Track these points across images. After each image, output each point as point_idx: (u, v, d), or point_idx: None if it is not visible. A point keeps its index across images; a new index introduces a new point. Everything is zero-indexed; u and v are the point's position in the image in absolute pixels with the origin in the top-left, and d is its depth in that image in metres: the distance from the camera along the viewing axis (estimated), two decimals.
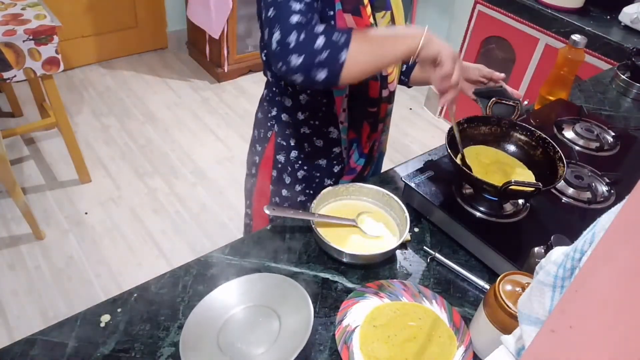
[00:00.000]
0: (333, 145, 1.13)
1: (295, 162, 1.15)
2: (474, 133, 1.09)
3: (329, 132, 1.10)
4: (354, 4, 0.95)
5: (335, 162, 1.15)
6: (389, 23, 1.05)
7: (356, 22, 0.96)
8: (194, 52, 3.49)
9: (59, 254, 2.08)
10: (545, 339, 0.37)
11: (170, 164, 2.63)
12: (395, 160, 2.55)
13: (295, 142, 1.13)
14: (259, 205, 1.24)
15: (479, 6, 2.58)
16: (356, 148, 1.14)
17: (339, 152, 1.14)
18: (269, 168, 1.18)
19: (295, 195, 1.18)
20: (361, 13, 0.96)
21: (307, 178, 1.16)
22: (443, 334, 0.83)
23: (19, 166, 2.48)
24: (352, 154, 1.14)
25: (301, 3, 0.85)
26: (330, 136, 1.11)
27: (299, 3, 0.85)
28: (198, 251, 2.17)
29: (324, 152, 1.13)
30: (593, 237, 0.50)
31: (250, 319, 0.83)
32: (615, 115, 1.52)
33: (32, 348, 0.77)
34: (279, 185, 1.18)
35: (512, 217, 1.00)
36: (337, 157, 1.14)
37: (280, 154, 1.15)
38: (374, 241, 0.98)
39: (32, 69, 1.92)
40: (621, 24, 2.16)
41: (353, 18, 0.95)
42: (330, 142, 1.12)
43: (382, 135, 1.20)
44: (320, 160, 1.14)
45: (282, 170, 1.16)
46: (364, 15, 0.97)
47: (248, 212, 1.31)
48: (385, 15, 1.05)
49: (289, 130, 1.12)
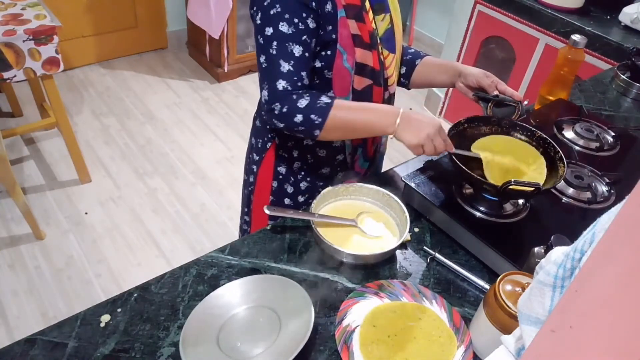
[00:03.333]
0: (336, 153, 1.12)
1: (297, 172, 1.14)
2: (474, 133, 1.09)
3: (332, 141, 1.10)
4: (357, 10, 0.96)
5: (339, 168, 1.15)
6: (388, 25, 1.06)
7: (359, 28, 0.97)
8: (194, 52, 3.49)
9: (59, 254, 2.08)
10: (545, 339, 0.37)
11: (170, 164, 2.63)
12: (395, 160, 2.55)
13: (298, 154, 1.12)
14: (257, 215, 1.23)
15: (479, 6, 2.58)
16: (361, 153, 1.13)
17: (342, 159, 1.13)
18: (268, 179, 1.16)
19: (297, 206, 1.18)
20: (364, 19, 0.97)
21: (310, 188, 1.16)
22: (443, 334, 0.83)
23: (19, 166, 2.48)
24: (357, 159, 1.14)
25: (290, 63, 0.91)
26: (334, 145, 1.10)
27: (288, 63, 0.91)
28: (198, 251, 2.17)
29: (327, 161, 1.12)
30: (593, 237, 0.50)
31: (251, 319, 0.83)
32: (615, 115, 1.52)
33: (32, 348, 0.77)
34: (280, 195, 1.17)
35: (512, 217, 1.00)
36: (341, 164, 1.14)
37: (282, 166, 1.14)
38: (374, 241, 0.98)
39: (32, 69, 1.92)
40: (621, 24, 2.16)
41: (357, 24, 0.96)
42: (334, 150, 1.11)
43: (383, 137, 1.20)
44: (323, 169, 1.14)
45: (284, 181, 1.15)
46: (366, 21, 0.98)
47: (246, 219, 1.29)
48: (385, 18, 1.05)
49: (291, 142, 1.11)
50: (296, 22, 0.90)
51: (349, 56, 0.97)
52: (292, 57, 0.91)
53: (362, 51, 0.98)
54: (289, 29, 0.90)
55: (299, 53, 0.92)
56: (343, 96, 1.03)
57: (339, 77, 1.00)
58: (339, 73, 0.99)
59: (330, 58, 0.97)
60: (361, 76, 1.01)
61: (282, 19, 0.90)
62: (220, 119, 3.00)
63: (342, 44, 0.96)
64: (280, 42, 0.91)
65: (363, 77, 1.01)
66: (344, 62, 0.98)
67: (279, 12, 0.90)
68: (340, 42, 0.96)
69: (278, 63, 0.92)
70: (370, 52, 0.99)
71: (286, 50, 0.91)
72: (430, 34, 3.83)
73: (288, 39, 0.91)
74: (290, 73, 0.92)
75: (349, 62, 0.98)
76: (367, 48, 0.99)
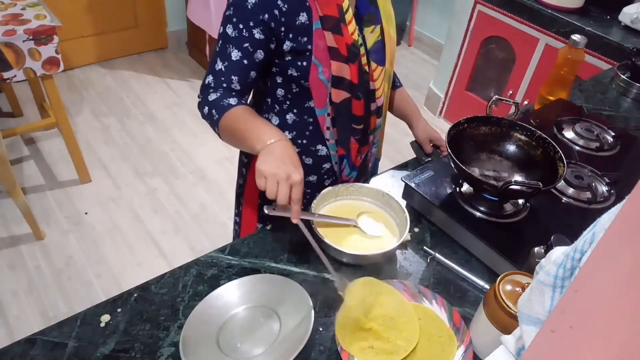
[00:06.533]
0: (323, 162, 1.10)
1: None
2: (474, 133, 1.09)
3: (317, 150, 1.08)
4: (334, 22, 0.94)
5: (326, 176, 1.13)
6: (378, 37, 1.03)
7: (336, 40, 0.95)
8: (194, 52, 3.49)
9: (59, 254, 2.08)
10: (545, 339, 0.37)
11: (170, 164, 2.63)
12: (395, 160, 2.55)
13: None
14: (246, 217, 1.22)
15: (479, 6, 2.58)
16: (347, 163, 1.12)
17: (329, 167, 1.11)
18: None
19: None
20: (341, 31, 0.95)
21: None
22: (443, 334, 0.83)
23: (19, 166, 2.48)
24: (343, 169, 1.12)
25: (224, 64, 0.95)
26: (319, 154, 1.09)
27: (222, 63, 0.95)
28: (198, 251, 2.17)
29: (314, 169, 1.11)
30: (593, 237, 0.50)
31: (251, 319, 0.83)
32: (615, 115, 1.52)
33: (32, 348, 0.77)
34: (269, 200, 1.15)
35: (512, 217, 1.00)
36: (328, 172, 1.12)
37: None
38: (374, 241, 0.98)
39: (32, 69, 1.92)
40: (621, 24, 2.16)
41: (333, 36, 0.94)
42: (320, 159, 1.10)
43: (373, 147, 1.18)
44: (311, 177, 1.12)
45: None
46: (344, 33, 0.95)
47: (237, 220, 1.28)
48: (375, 30, 1.02)
49: None
50: (241, 27, 0.92)
51: (325, 68, 0.96)
52: (228, 59, 0.94)
53: (338, 64, 0.96)
54: (232, 32, 0.93)
55: (236, 57, 0.94)
56: (321, 108, 1.01)
57: (316, 88, 0.99)
58: (315, 84, 0.98)
59: (306, 69, 0.96)
60: (339, 89, 0.99)
61: (231, 21, 0.93)
62: None
63: (317, 56, 0.95)
64: (223, 43, 0.95)
65: (340, 90, 1.00)
66: (320, 74, 0.96)
67: (231, 14, 0.93)
68: (315, 54, 0.94)
69: (215, 60, 0.96)
70: (348, 65, 0.97)
71: (225, 52, 0.94)
72: (430, 34, 3.83)
73: (229, 41, 0.94)
74: (219, 72, 0.95)
75: (325, 75, 0.97)
76: (344, 61, 0.96)
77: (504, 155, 1.10)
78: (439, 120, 3.12)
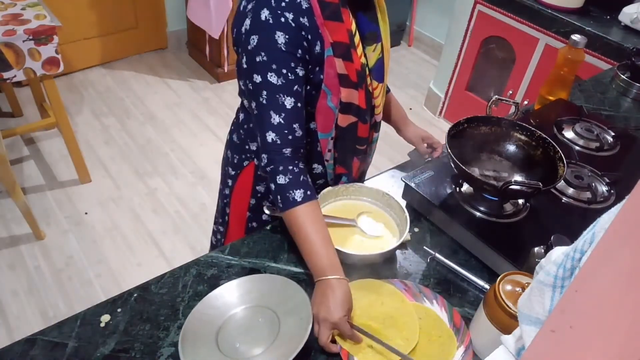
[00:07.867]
0: (317, 179, 1.08)
1: None
2: (474, 133, 1.09)
3: (313, 168, 1.06)
4: (345, 48, 0.91)
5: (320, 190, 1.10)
6: (379, 55, 1.02)
7: (346, 67, 0.92)
8: (194, 52, 3.49)
9: (59, 254, 2.08)
10: (545, 339, 0.37)
11: (170, 164, 2.63)
12: (395, 160, 2.55)
13: None
14: (233, 228, 1.19)
15: (479, 6, 2.58)
16: (346, 180, 1.10)
17: (323, 182, 1.09)
18: (245, 196, 1.12)
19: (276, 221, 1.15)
20: (352, 57, 0.92)
21: None
22: (443, 333, 0.83)
23: (19, 166, 2.48)
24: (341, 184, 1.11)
25: (281, 116, 0.87)
26: (314, 172, 1.07)
27: (279, 116, 0.87)
28: (198, 251, 2.17)
29: None
30: (593, 237, 0.50)
31: (250, 319, 0.83)
32: (615, 115, 1.52)
33: (32, 348, 0.77)
34: (258, 211, 1.12)
35: (512, 217, 1.00)
36: (322, 187, 1.09)
37: (261, 185, 1.10)
38: (374, 241, 0.98)
39: (32, 69, 1.92)
40: (621, 24, 2.16)
41: (344, 63, 0.92)
42: (314, 176, 1.07)
43: (369, 158, 1.17)
44: None
45: (262, 199, 1.11)
46: (354, 59, 0.93)
47: (220, 229, 1.24)
48: (376, 48, 1.01)
49: None
50: (285, 72, 0.86)
51: (334, 96, 0.94)
52: (284, 109, 0.87)
53: (348, 91, 0.94)
54: (278, 80, 0.86)
55: (291, 105, 0.87)
56: (326, 132, 0.99)
57: (322, 114, 0.96)
58: (323, 111, 0.96)
59: (315, 97, 0.94)
60: (347, 114, 0.98)
61: (270, 69, 0.85)
62: (220, 119, 3.00)
63: (327, 83, 0.92)
64: (270, 93, 0.87)
65: (348, 115, 0.98)
66: (328, 101, 0.94)
67: (265, 61, 0.85)
68: (325, 81, 0.92)
69: (269, 114, 0.87)
70: (357, 90, 0.96)
71: (277, 102, 0.87)
72: (430, 34, 3.83)
73: (278, 90, 0.86)
74: (280, 126, 0.88)
75: (333, 102, 0.94)
76: (354, 87, 0.95)
77: (504, 155, 1.10)
78: (439, 120, 3.12)
